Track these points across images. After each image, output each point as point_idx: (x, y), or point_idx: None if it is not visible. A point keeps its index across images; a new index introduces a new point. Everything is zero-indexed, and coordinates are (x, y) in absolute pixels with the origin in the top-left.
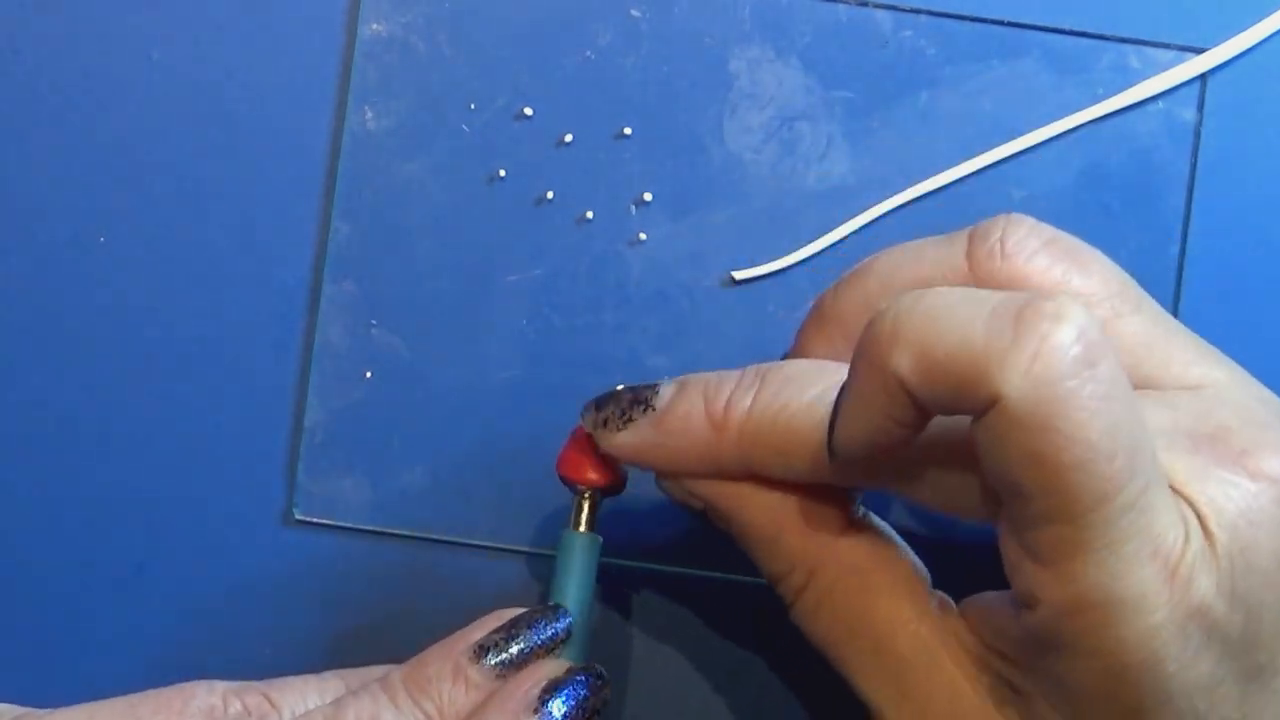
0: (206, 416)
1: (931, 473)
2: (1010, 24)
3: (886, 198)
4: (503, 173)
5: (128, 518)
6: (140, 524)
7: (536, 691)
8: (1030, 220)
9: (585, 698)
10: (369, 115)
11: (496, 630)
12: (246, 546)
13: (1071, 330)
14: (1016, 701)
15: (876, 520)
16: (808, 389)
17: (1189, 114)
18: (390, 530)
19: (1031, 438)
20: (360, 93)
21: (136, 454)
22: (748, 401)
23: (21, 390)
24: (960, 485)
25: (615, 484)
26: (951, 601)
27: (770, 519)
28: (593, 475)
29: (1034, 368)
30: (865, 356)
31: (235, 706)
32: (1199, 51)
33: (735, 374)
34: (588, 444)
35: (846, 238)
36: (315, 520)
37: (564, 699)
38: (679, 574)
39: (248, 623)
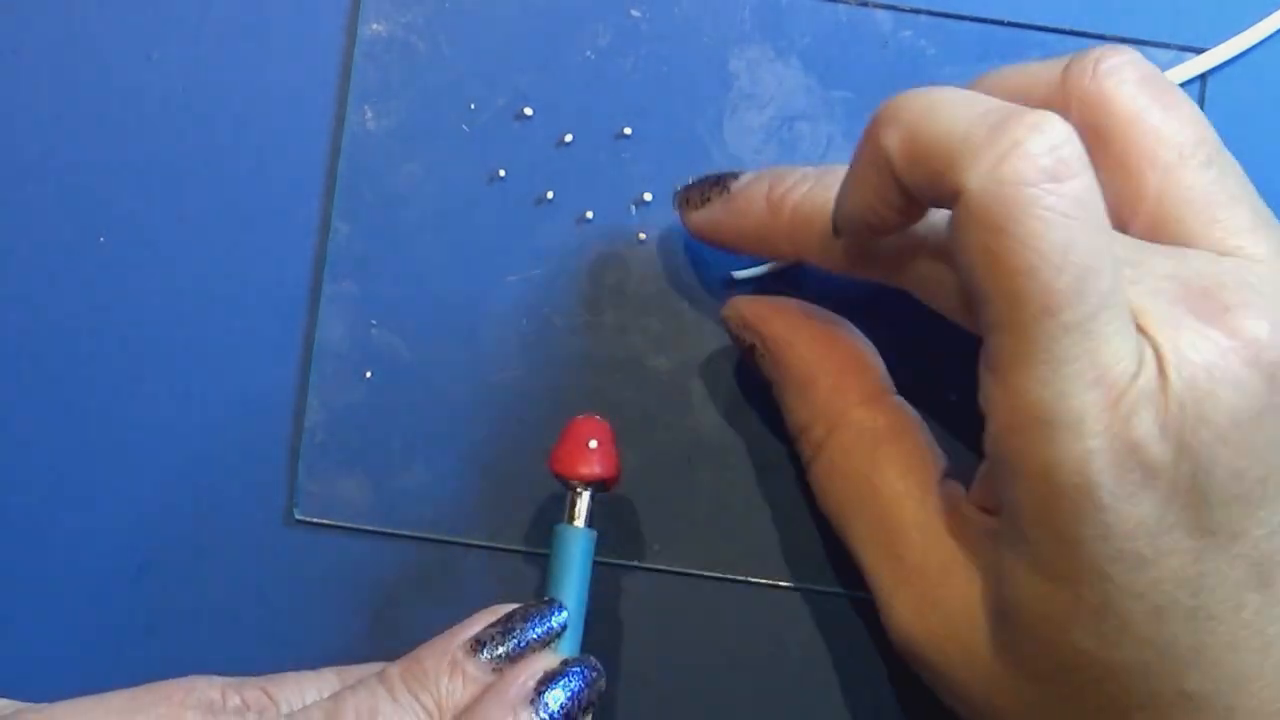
0: (206, 416)
1: (927, 269)
2: (1010, 24)
3: None
4: (503, 173)
5: (128, 517)
6: (141, 524)
7: (532, 684)
8: (1133, 53)
9: (580, 690)
10: (369, 115)
11: (492, 625)
12: (247, 546)
13: (1045, 142)
14: (999, 564)
15: (903, 401)
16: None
17: None
18: (390, 530)
19: (985, 236)
20: (360, 93)
21: (136, 454)
22: (803, 190)
23: (21, 390)
24: (949, 285)
25: (608, 478)
26: (959, 487)
27: (808, 365)
28: (585, 470)
29: (998, 168)
30: (865, 134)
31: (234, 700)
32: (1199, 51)
33: (802, 169)
34: (581, 439)
35: None
36: (315, 520)
37: (559, 691)
38: (674, 573)
39: (248, 622)
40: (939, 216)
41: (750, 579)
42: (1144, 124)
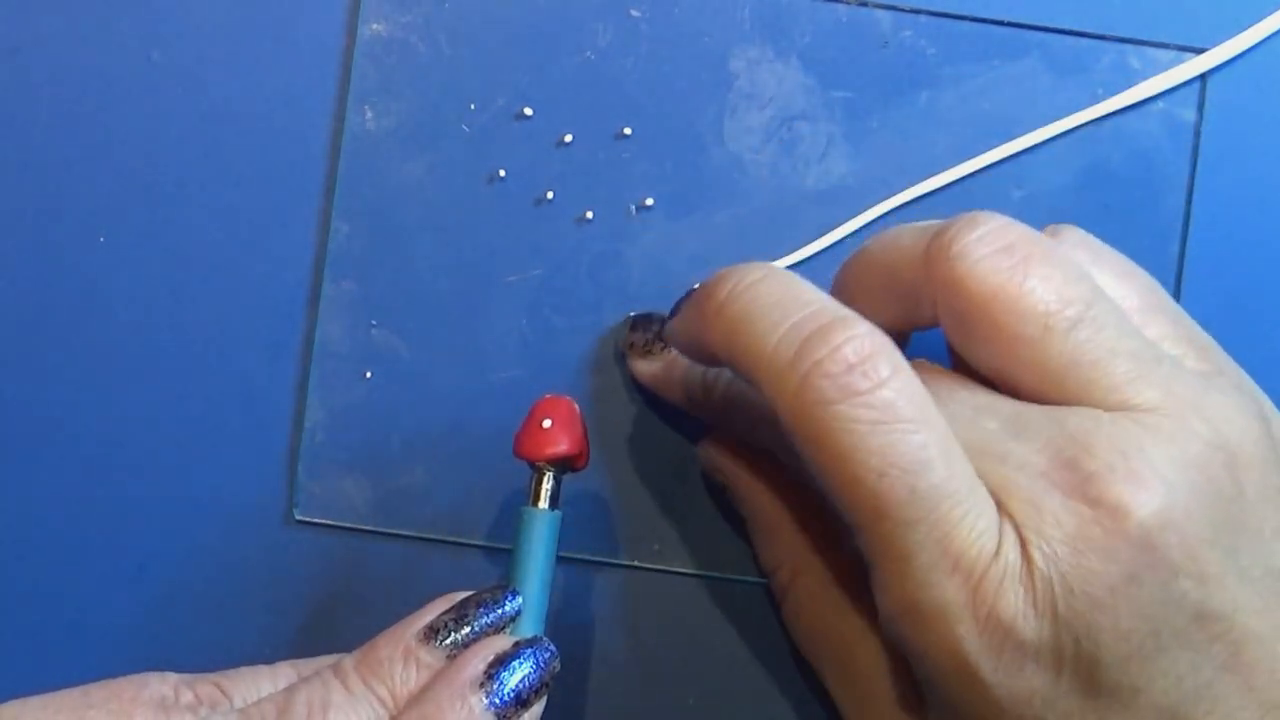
0: (206, 416)
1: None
2: (1010, 24)
3: (886, 198)
4: (503, 173)
5: (128, 517)
6: (141, 524)
7: (483, 667)
8: (996, 222)
9: (533, 672)
10: (369, 115)
11: (446, 612)
12: (247, 546)
13: (844, 358)
14: None
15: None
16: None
17: (1189, 114)
18: (390, 530)
19: (807, 449)
20: (360, 93)
21: (136, 454)
22: (727, 377)
23: (21, 390)
24: None
25: (566, 456)
26: None
27: (771, 512)
28: (540, 450)
29: (802, 392)
30: (698, 303)
31: (187, 696)
32: (1199, 51)
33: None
34: (536, 420)
35: (846, 238)
36: (315, 520)
37: (511, 673)
38: (675, 573)
39: (248, 622)
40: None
41: (750, 579)
42: (1001, 302)
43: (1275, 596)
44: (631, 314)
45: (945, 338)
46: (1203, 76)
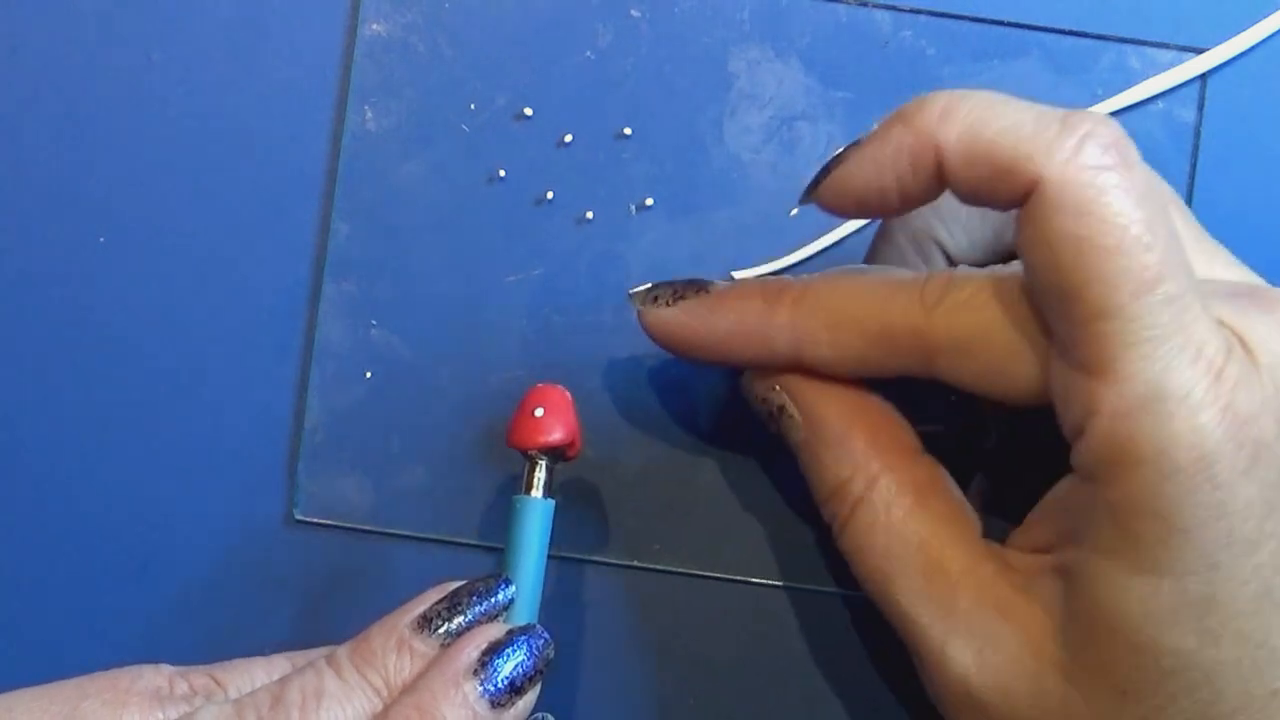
0: (207, 416)
1: (982, 342)
2: (1010, 24)
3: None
4: (503, 173)
5: (128, 517)
6: (141, 524)
7: (476, 655)
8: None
9: (527, 660)
10: (369, 115)
11: (439, 602)
12: (247, 546)
13: (1112, 133)
14: (1069, 589)
15: (937, 462)
16: (862, 274)
17: (1189, 114)
18: (390, 530)
19: (1072, 221)
20: (360, 93)
21: (137, 454)
22: (805, 281)
23: (22, 390)
24: (1007, 351)
25: (556, 445)
26: (995, 544)
27: (842, 420)
28: (530, 439)
29: (1078, 155)
30: (907, 121)
31: (182, 687)
32: (1199, 51)
33: (788, 277)
34: (528, 409)
35: (846, 237)
36: (315, 520)
37: (505, 661)
38: (675, 574)
39: (248, 622)
40: (963, 289)
41: (751, 579)
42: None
43: None
44: (629, 291)
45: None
46: (1203, 76)
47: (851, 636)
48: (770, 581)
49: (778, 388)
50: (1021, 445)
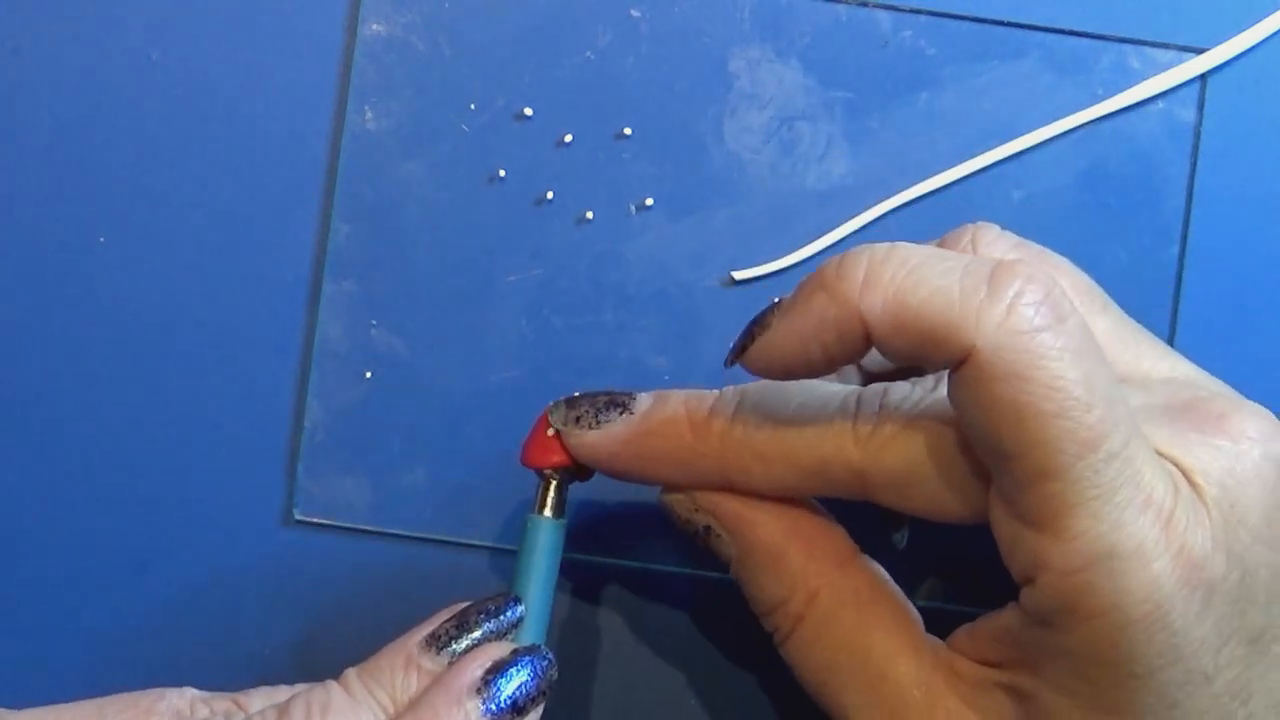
0: (206, 416)
1: (918, 476)
2: (1010, 24)
3: (886, 198)
4: (503, 173)
5: (128, 517)
6: (141, 524)
7: (480, 673)
8: (997, 227)
9: (530, 680)
10: (369, 115)
11: (447, 621)
12: (246, 546)
13: (1042, 289)
14: (1021, 710)
15: (873, 561)
16: (791, 399)
17: (1189, 114)
18: (390, 530)
19: (1010, 388)
20: (360, 93)
21: (137, 454)
22: (731, 409)
23: (21, 390)
24: (944, 484)
25: (579, 468)
26: (940, 641)
27: (777, 536)
28: (556, 459)
29: (1008, 320)
30: (829, 290)
31: (202, 711)
32: (1199, 52)
33: (713, 391)
34: (542, 428)
35: (846, 238)
36: (315, 520)
37: (508, 680)
38: (674, 573)
39: (248, 622)
40: (897, 405)
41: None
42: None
43: None
44: (551, 404)
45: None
46: (1203, 76)
47: None
48: None
49: (699, 509)
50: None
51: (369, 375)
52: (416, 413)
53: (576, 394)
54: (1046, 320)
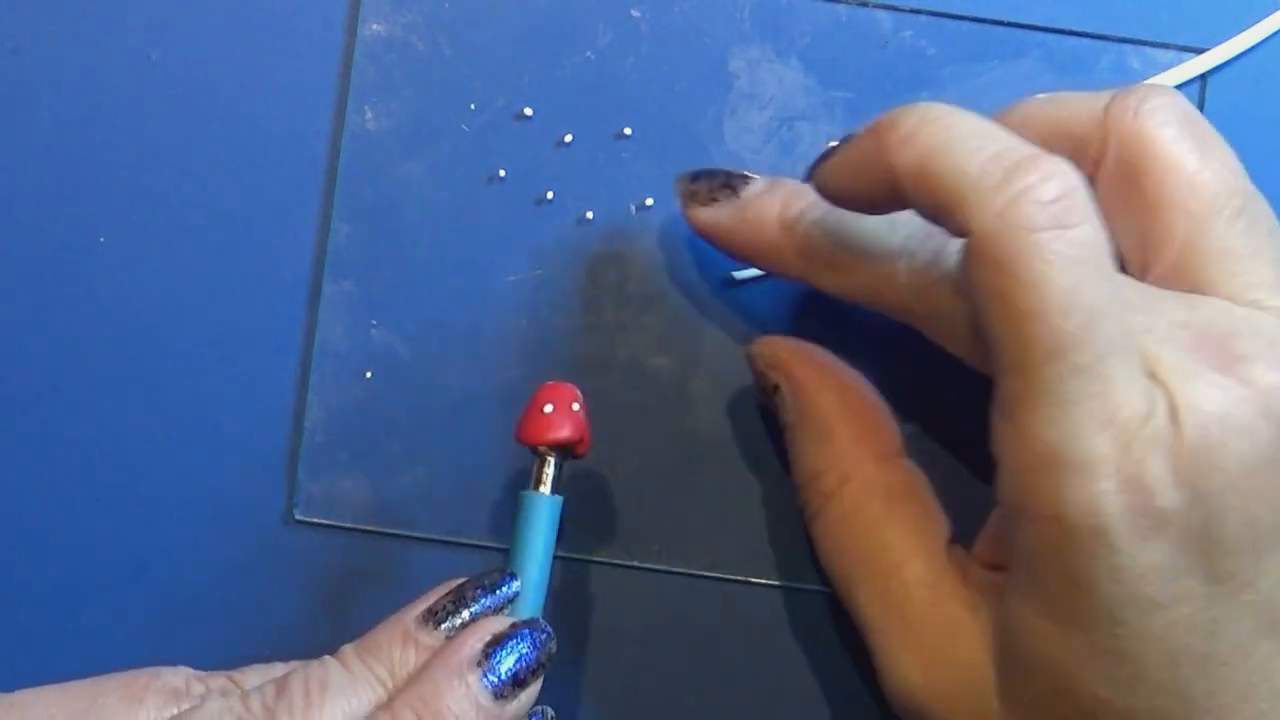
0: (206, 417)
1: (938, 307)
2: (1010, 24)
3: None
4: (503, 173)
5: (128, 517)
6: (141, 524)
7: (480, 646)
8: (1176, 95)
9: (529, 653)
10: (369, 115)
11: (445, 596)
12: (247, 546)
13: (1055, 188)
14: (1009, 615)
15: (914, 464)
16: (869, 220)
17: None
18: (390, 530)
19: (993, 276)
20: (360, 93)
21: (137, 454)
22: (816, 215)
23: (21, 390)
24: (960, 324)
25: (566, 441)
26: (965, 551)
27: (830, 414)
28: (540, 435)
29: (1008, 211)
30: (876, 135)
31: (199, 688)
32: (1199, 52)
33: (812, 194)
34: (539, 405)
35: None
36: (315, 520)
37: (508, 654)
38: (676, 574)
39: (249, 623)
40: (950, 254)
41: (751, 579)
42: (1180, 169)
43: None
44: (676, 176)
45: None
46: (1203, 77)
47: (853, 637)
48: (771, 582)
49: (775, 367)
50: None
51: (369, 375)
52: (416, 413)
53: (700, 170)
54: (1048, 221)
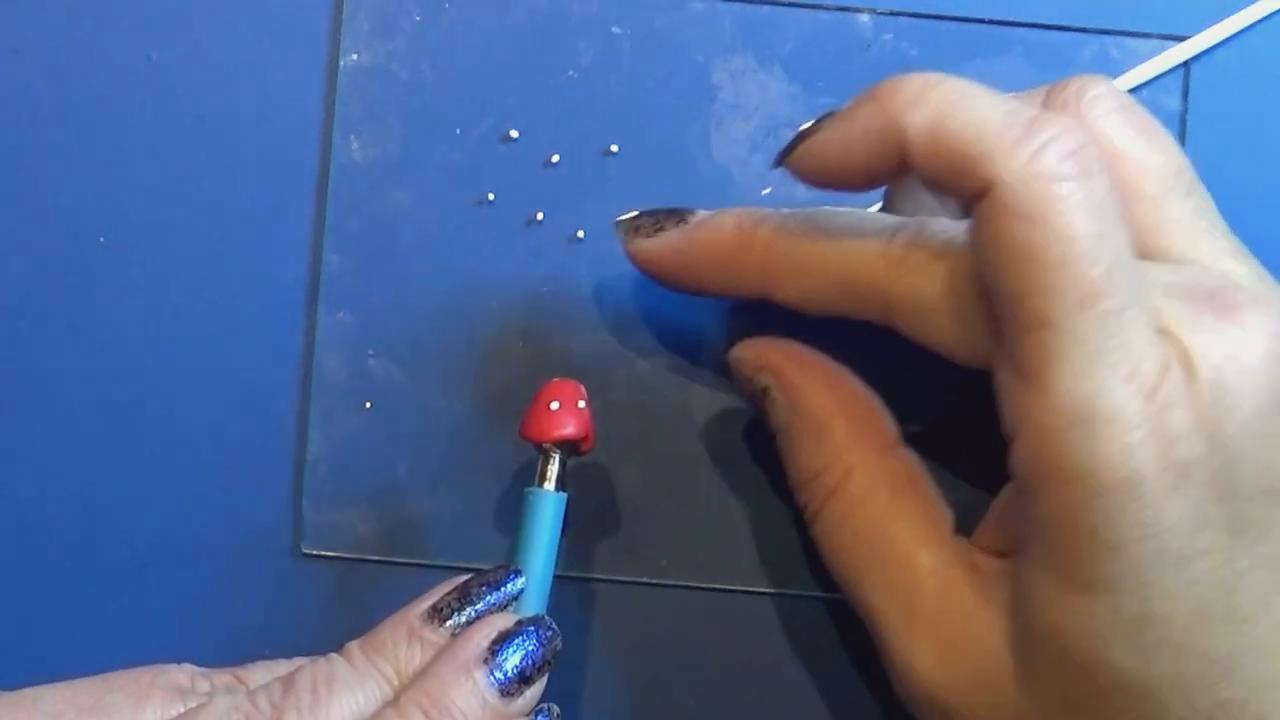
0: (209, 454)
1: (916, 302)
2: (990, 21)
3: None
4: (491, 196)
5: (134, 555)
6: (149, 561)
7: (486, 644)
8: (1109, 82)
9: (535, 649)
10: (355, 145)
11: (449, 593)
12: (256, 582)
13: (1075, 141)
14: (1015, 604)
15: (913, 452)
16: (836, 217)
17: (1174, 102)
18: (397, 559)
19: (1021, 227)
20: (345, 123)
21: (143, 493)
22: (778, 219)
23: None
24: (958, 319)
25: (570, 439)
26: (967, 541)
27: (826, 407)
28: (545, 432)
29: (1033, 162)
30: (877, 101)
31: (204, 686)
32: (1181, 39)
33: (767, 207)
34: (543, 402)
35: None
36: (323, 553)
37: (514, 650)
38: (684, 588)
39: (260, 658)
40: (933, 234)
41: (757, 590)
42: (1128, 155)
43: None
44: (617, 219)
45: None
46: (1186, 64)
47: (859, 646)
48: (780, 591)
49: (762, 369)
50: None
51: (369, 405)
52: (418, 440)
53: (642, 210)
54: (1071, 171)
